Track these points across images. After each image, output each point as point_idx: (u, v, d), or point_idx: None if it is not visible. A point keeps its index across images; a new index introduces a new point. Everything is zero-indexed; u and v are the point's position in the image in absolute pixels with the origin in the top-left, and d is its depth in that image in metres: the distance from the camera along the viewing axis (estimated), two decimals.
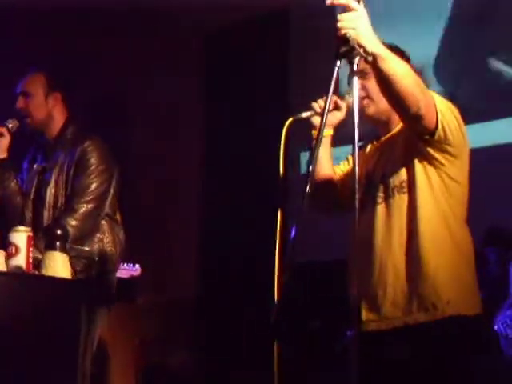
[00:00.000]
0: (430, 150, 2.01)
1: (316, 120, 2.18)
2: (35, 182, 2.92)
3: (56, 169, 2.83)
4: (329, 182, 2.26)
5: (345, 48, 1.70)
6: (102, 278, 2.83)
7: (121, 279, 3.21)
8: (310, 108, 2.18)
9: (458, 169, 2.06)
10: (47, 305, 2.33)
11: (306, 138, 2.19)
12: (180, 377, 4.13)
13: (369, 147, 2.27)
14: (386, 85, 1.92)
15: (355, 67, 1.69)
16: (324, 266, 4.08)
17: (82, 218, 2.73)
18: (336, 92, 1.92)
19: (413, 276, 2.01)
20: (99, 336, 2.89)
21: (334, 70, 1.69)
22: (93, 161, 2.78)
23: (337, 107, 2.19)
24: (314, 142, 1.86)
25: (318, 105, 2.15)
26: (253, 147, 4.60)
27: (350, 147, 2.30)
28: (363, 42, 1.73)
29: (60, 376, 2.31)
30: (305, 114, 2.16)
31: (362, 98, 2.10)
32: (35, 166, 2.94)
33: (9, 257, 2.35)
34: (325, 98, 2.09)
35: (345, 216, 2.05)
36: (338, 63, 1.69)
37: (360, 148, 2.31)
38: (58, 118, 2.94)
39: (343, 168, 2.32)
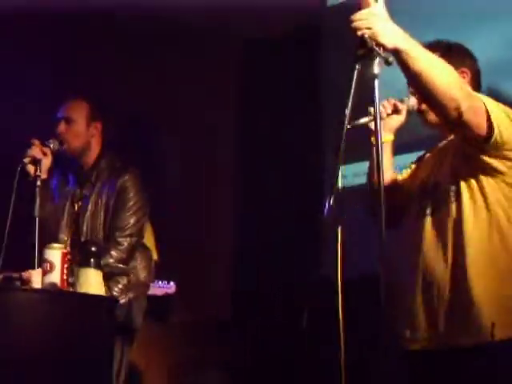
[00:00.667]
0: (486, 157, 1.85)
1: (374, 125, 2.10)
2: (68, 204, 3.03)
3: (93, 198, 2.99)
4: (388, 190, 2.09)
5: (363, 50, 1.62)
6: (136, 300, 2.97)
7: (155, 296, 3.24)
8: (366, 113, 2.02)
9: None
10: (81, 322, 2.34)
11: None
12: None
13: (427, 155, 2.15)
14: (414, 83, 1.81)
15: (376, 69, 1.59)
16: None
17: (125, 250, 2.90)
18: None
19: (455, 297, 1.90)
20: (132, 355, 2.95)
21: (353, 73, 1.61)
22: (132, 196, 2.95)
23: (396, 110, 2.08)
24: (374, 148, 1.75)
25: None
26: (288, 166, 4.60)
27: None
28: (381, 39, 1.62)
29: None
30: (362, 120, 2.03)
31: (420, 103, 2.01)
32: (67, 187, 3.04)
33: (44, 274, 2.39)
34: (382, 102, 2.01)
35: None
36: (357, 66, 1.61)
37: (421, 157, 2.21)
38: (95, 147, 3.05)
39: (405, 175, 2.20)
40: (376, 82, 1.60)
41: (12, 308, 2.28)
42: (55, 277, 2.39)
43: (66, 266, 2.43)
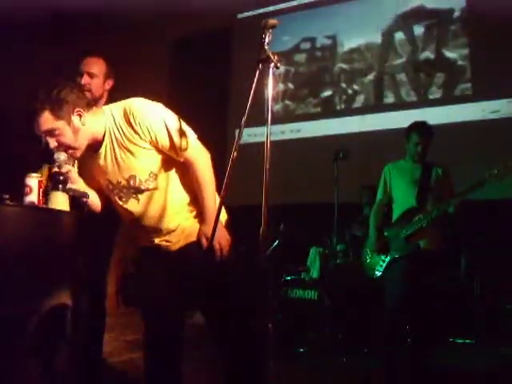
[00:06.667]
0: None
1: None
2: None
3: None
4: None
5: (263, 56, 2.05)
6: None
7: None
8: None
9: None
10: (51, 230, 2.52)
11: None
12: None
13: None
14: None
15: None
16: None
17: None
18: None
19: None
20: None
21: (256, 71, 2.05)
22: None
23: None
24: None
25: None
26: None
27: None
28: None
29: (60, 276, 2.53)
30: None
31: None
32: None
33: (25, 195, 2.58)
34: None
35: None
36: (260, 66, 2.04)
37: None
38: (102, 101, 3.22)
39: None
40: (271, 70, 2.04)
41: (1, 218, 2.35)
42: (33, 197, 2.58)
43: (41, 190, 2.60)
